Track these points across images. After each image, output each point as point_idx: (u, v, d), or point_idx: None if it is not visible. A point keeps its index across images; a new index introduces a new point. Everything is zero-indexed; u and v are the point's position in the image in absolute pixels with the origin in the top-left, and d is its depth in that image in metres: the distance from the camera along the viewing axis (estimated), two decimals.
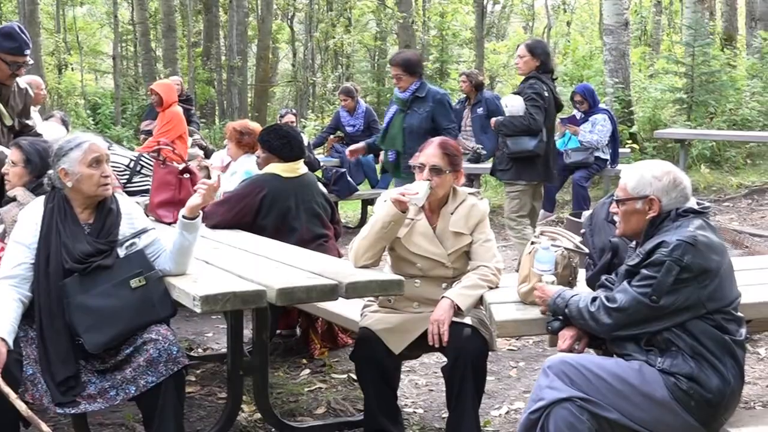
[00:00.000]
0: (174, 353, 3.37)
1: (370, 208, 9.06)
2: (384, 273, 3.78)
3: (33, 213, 3.52)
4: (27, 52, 4.94)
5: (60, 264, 3.41)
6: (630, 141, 11.93)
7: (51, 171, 3.55)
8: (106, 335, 3.38)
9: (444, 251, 3.84)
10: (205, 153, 9.06)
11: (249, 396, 4.13)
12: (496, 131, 6.88)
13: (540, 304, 3.33)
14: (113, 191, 3.62)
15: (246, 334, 4.10)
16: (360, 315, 3.98)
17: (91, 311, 3.37)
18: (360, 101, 10.48)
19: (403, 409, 4.38)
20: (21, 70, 5.00)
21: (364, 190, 9.64)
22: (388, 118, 6.61)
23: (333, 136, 10.52)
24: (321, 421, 4.21)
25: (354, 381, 4.49)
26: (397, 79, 6.39)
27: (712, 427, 3.03)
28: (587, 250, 3.77)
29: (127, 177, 6.52)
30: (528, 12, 31.28)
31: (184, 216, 3.52)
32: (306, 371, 4.95)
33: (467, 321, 3.72)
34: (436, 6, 22.20)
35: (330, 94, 21.98)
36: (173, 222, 4.44)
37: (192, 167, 5.65)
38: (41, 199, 3.58)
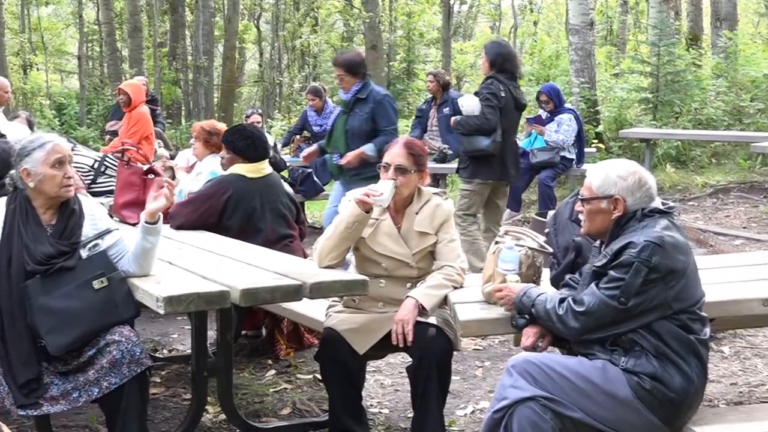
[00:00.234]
0: (137, 354, 3.35)
1: None
2: (348, 273, 3.77)
3: None
4: None
5: (22, 266, 3.38)
6: (596, 140, 12.02)
7: (13, 171, 3.51)
8: (68, 337, 3.35)
9: (409, 251, 3.85)
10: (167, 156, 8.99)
11: (214, 397, 4.11)
12: (455, 130, 7.03)
13: (504, 303, 3.32)
14: (76, 192, 3.58)
15: (211, 335, 4.08)
16: (325, 315, 3.97)
17: (54, 313, 3.34)
18: (328, 101, 10.46)
19: (369, 409, 4.38)
20: None
21: (330, 190, 9.61)
22: (332, 120, 6.60)
23: (299, 136, 10.49)
24: (286, 422, 4.20)
25: (319, 381, 4.48)
26: (340, 80, 6.34)
27: (675, 426, 3.05)
28: (551, 249, 3.78)
29: (92, 178, 6.48)
30: (495, 12, 31.39)
31: (145, 221, 3.49)
32: (271, 372, 4.94)
33: (432, 321, 3.72)
34: (402, 6, 22.23)
35: (297, 94, 21.94)
36: (137, 223, 4.40)
37: (157, 168, 5.62)
38: (3, 200, 3.54)
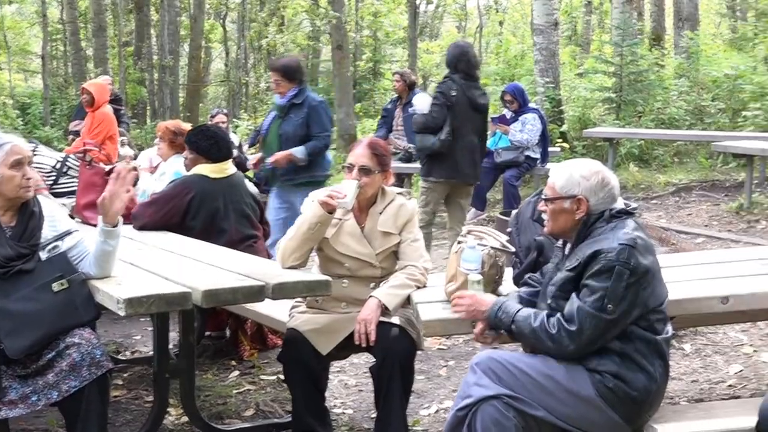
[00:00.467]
0: (97, 357, 3.31)
1: None
2: (311, 273, 3.77)
3: None
4: None
5: None
6: (560, 140, 12.11)
7: None
8: (27, 340, 3.31)
9: (372, 251, 3.85)
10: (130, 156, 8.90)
11: (176, 399, 4.08)
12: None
13: (469, 316, 3.24)
14: (36, 193, 3.55)
15: (173, 336, 4.06)
16: (288, 316, 3.96)
17: (12, 316, 3.31)
18: None
19: (333, 410, 4.38)
20: None
21: None
22: (266, 124, 6.59)
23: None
24: (249, 423, 4.18)
25: (283, 382, 4.46)
26: (276, 85, 6.31)
27: (636, 424, 3.07)
28: (513, 248, 3.80)
29: (54, 178, 6.43)
30: (461, 12, 31.47)
31: (104, 223, 3.46)
32: (235, 373, 4.92)
33: (395, 320, 3.73)
34: (369, 6, 22.22)
35: (263, 93, 21.85)
36: None
37: (120, 168, 5.57)
38: None
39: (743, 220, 8.81)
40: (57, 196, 5.92)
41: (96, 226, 4.64)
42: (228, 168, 5.04)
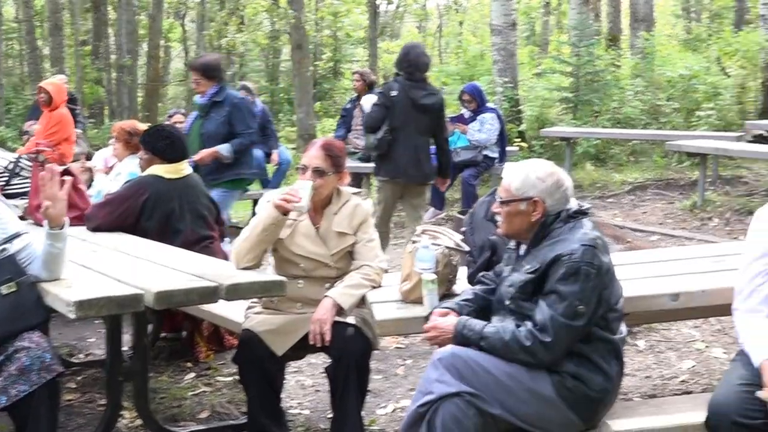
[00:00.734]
0: (47, 361, 3.26)
1: None
2: (266, 274, 3.74)
3: None
4: None
5: None
6: (518, 139, 12.20)
7: None
8: None
9: (327, 251, 3.84)
10: (87, 156, 8.80)
11: (131, 402, 4.04)
12: None
13: (442, 344, 3.20)
14: None
15: (128, 338, 4.02)
16: (243, 317, 3.94)
17: None
18: (257, 100, 10.39)
19: (289, 411, 4.37)
20: None
21: (254, 189, 9.55)
22: (188, 125, 6.55)
23: None
24: (204, 426, 4.16)
25: (239, 383, 4.44)
26: (196, 84, 6.25)
27: (592, 422, 3.10)
28: (468, 248, 3.82)
29: (6, 179, 6.34)
30: (421, 12, 31.57)
31: (50, 227, 3.41)
32: (191, 375, 4.88)
33: (350, 320, 3.72)
34: (328, 5, 22.21)
35: None
36: None
37: (72, 168, 5.51)
38: None
39: (697, 217, 8.95)
40: (9, 197, 5.84)
41: None
42: (184, 168, 5.01)
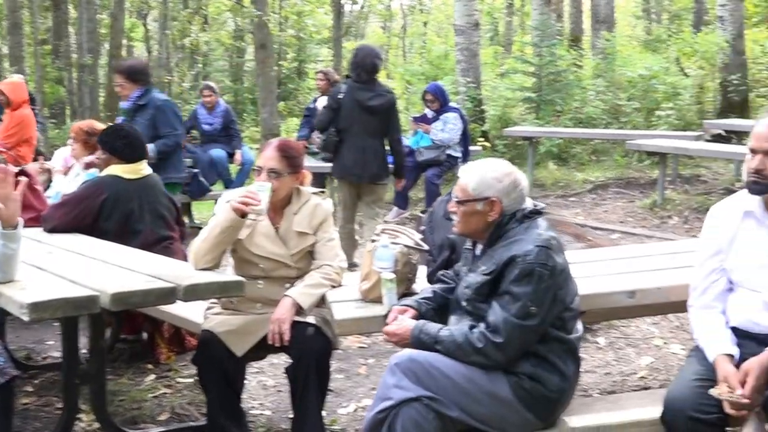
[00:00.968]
0: (0, 364, 3.23)
1: None
2: (224, 274, 3.72)
3: None
4: None
5: None
6: (482, 139, 12.25)
7: None
8: None
9: (287, 251, 3.83)
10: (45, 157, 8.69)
11: (89, 405, 4.00)
12: None
13: (402, 346, 3.20)
14: None
15: (86, 341, 3.97)
16: (203, 317, 3.92)
17: None
18: (220, 100, 10.35)
19: (251, 411, 4.35)
20: None
21: (217, 190, 9.51)
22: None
23: (187, 135, 10.32)
24: (164, 428, 4.12)
25: (199, 385, 4.42)
26: (121, 88, 6.17)
27: (549, 421, 3.12)
28: (427, 246, 3.83)
29: None
30: (386, 12, 31.61)
31: (3, 227, 3.36)
32: (151, 376, 4.84)
33: (310, 320, 3.72)
34: (292, 5, 22.16)
35: (187, 93, 21.59)
36: None
37: (29, 169, 5.45)
38: None
39: (657, 216, 9.05)
40: None
41: None
42: (143, 168, 4.96)
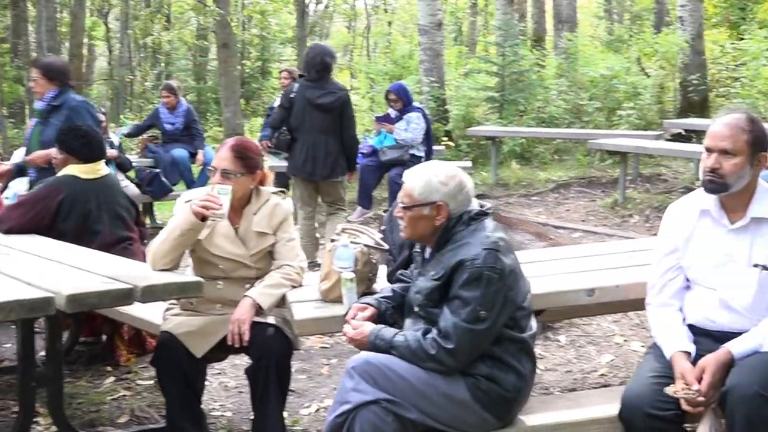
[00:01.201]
0: None
1: None
2: (183, 275, 3.69)
3: None
4: None
5: None
6: (445, 138, 12.28)
7: None
8: None
9: (246, 252, 3.81)
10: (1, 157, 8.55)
11: (47, 408, 3.95)
12: None
13: (361, 348, 3.19)
14: None
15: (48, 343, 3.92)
16: (162, 318, 3.89)
17: None
18: (182, 100, 10.26)
19: (212, 413, 4.33)
20: None
21: (179, 190, 9.44)
22: (28, 133, 6.37)
23: (147, 135, 10.24)
24: (123, 430, 4.09)
25: (158, 386, 4.38)
26: (34, 83, 5.96)
27: (507, 420, 3.13)
28: (387, 246, 3.83)
29: None
30: (350, 12, 31.58)
31: None
32: (110, 379, 4.78)
33: (270, 320, 3.71)
34: (255, 4, 22.06)
35: (149, 92, 21.42)
36: None
37: None
38: None
39: (618, 214, 9.12)
40: None
41: None
42: (101, 168, 4.91)
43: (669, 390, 2.98)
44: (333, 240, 3.65)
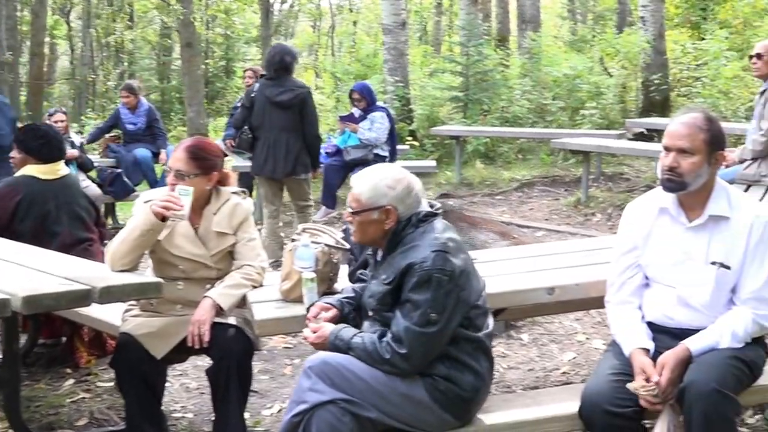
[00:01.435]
0: None
1: None
2: (142, 276, 3.66)
3: None
4: None
5: None
6: (410, 138, 12.30)
7: None
8: None
9: (207, 252, 3.78)
10: None
11: (3, 411, 3.89)
12: None
13: (321, 348, 3.18)
14: None
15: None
16: (121, 320, 3.85)
17: None
18: (142, 99, 10.17)
19: (173, 414, 4.29)
20: None
21: (141, 190, 9.35)
22: None
23: (109, 135, 10.13)
24: None
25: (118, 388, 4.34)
26: None
27: (465, 419, 3.13)
28: (349, 246, 3.82)
29: None
30: (315, 11, 31.53)
31: None
32: (70, 381, 4.73)
33: (231, 321, 3.68)
34: (219, 3, 21.94)
35: (112, 91, 21.22)
36: None
37: None
38: None
39: (581, 213, 9.19)
40: None
41: None
42: (60, 169, 4.86)
43: (631, 385, 3.00)
44: (293, 239, 3.63)
